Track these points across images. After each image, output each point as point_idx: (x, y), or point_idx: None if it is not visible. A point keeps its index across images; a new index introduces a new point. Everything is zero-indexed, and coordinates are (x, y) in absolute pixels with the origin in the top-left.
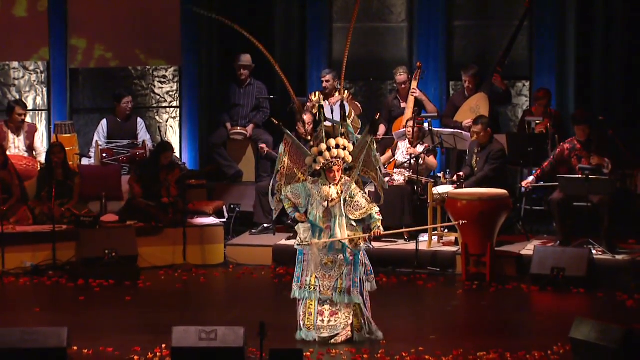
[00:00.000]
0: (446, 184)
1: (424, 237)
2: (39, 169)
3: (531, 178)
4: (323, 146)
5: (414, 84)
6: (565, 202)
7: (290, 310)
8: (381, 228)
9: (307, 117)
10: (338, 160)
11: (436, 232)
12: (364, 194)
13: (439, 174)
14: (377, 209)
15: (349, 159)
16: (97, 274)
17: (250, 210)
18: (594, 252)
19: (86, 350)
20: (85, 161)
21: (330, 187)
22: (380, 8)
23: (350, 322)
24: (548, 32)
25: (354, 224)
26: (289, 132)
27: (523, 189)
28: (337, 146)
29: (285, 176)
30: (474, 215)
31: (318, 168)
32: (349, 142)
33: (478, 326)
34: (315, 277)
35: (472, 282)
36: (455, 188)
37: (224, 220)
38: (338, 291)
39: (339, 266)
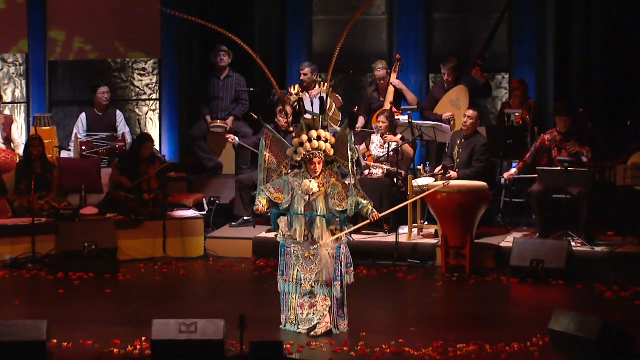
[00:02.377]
0: (426, 176)
1: (403, 230)
2: (17, 161)
3: (513, 170)
4: (304, 137)
5: (394, 76)
6: (545, 194)
7: (270, 302)
8: (375, 212)
9: (287, 109)
10: (319, 152)
11: (416, 224)
12: (346, 184)
13: (418, 167)
14: (362, 193)
15: (331, 151)
16: (77, 267)
17: (228, 202)
18: (573, 244)
19: (66, 343)
20: (64, 154)
21: (311, 181)
22: (360, 0)
23: (327, 313)
24: (528, 24)
25: (337, 214)
26: (268, 126)
27: (504, 181)
28: (319, 138)
29: (267, 170)
30: (454, 207)
31: (299, 159)
32: (331, 135)
33: (458, 318)
34: (298, 270)
35: (452, 274)
36: (441, 180)
37: (204, 212)
38: (319, 284)
39: (320, 260)
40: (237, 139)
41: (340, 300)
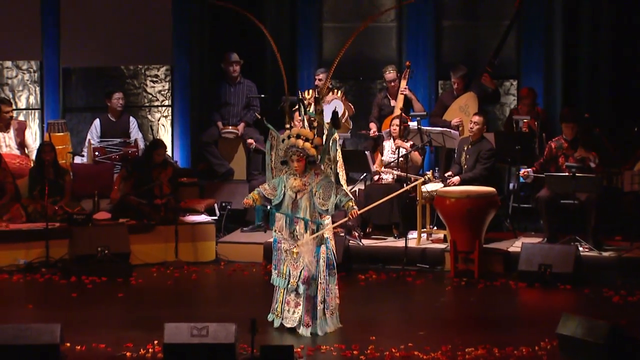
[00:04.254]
0: (435, 182)
1: (413, 235)
2: (31, 167)
3: (530, 169)
4: (287, 132)
5: (403, 83)
6: (553, 200)
7: None
8: (356, 208)
9: (297, 115)
10: (296, 150)
11: (425, 229)
12: (332, 183)
13: (427, 172)
14: (344, 190)
15: (312, 151)
16: (90, 271)
17: (241, 208)
18: (580, 249)
19: (79, 347)
20: (78, 159)
21: (295, 178)
22: (369, 8)
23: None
24: (536, 32)
25: (321, 212)
26: (272, 127)
27: (512, 186)
28: (299, 136)
29: (274, 169)
30: (463, 212)
31: (282, 155)
32: (315, 135)
33: (466, 322)
34: (287, 265)
35: (461, 279)
36: (445, 186)
37: (216, 217)
38: (301, 281)
39: (303, 257)
40: (254, 143)
41: (313, 299)
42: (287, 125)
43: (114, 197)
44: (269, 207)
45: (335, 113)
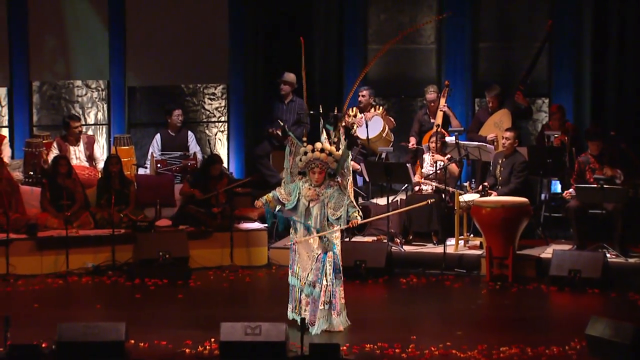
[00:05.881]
0: (472, 192)
1: (451, 242)
2: (98, 177)
3: (571, 190)
4: (309, 147)
5: (442, 101)
6: (581, 210)
7: None
8: (358, 218)
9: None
10: (319, 163)
11: (463, 236)
12: (344, 195)
13: (464, 183)
14: (353, 203)
15: (334, 165)
16: (152, 274)
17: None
18: (608, 255)
19: (142, 344)
20: (141, 171)
21: (310, 188)
22: (411, 31)
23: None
24: (566, 53)
25: (328, 223)
26: (292, 134)
27: (543, 196)
28: (322, 150)
29: (291, 173)
30: (498, 221)
31: (301, 166)
32: (336, 150)
33: (501, 323)
34: (299, 267)
35: (496, 283)
36: (481, 197)
37: (267, 225)
38: (308, 284)
39: (312, 261)
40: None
41: (317, 301)
42: (305, 138)
43: (184, 189)
44: (278, 208)
45: (351, 134)
